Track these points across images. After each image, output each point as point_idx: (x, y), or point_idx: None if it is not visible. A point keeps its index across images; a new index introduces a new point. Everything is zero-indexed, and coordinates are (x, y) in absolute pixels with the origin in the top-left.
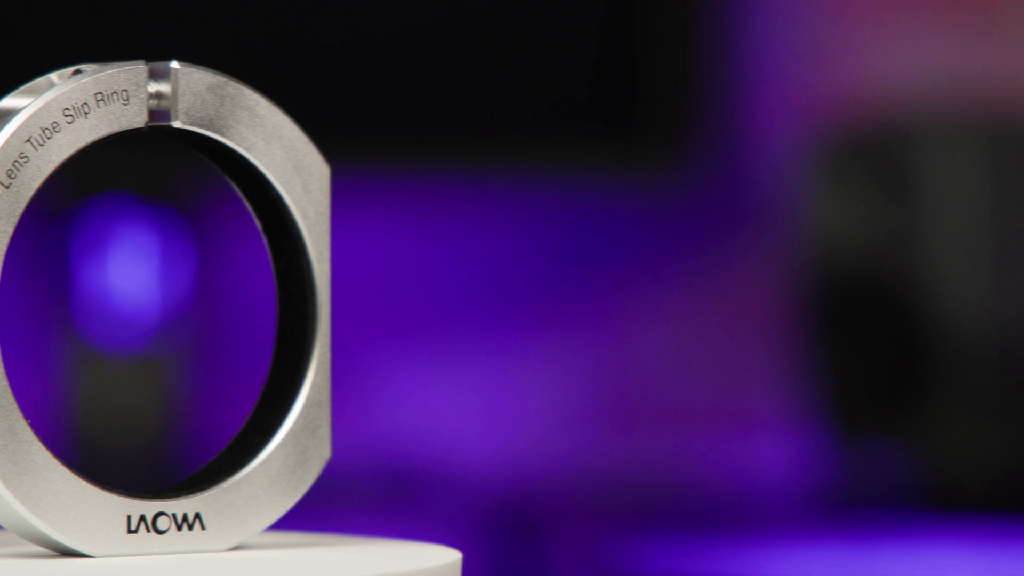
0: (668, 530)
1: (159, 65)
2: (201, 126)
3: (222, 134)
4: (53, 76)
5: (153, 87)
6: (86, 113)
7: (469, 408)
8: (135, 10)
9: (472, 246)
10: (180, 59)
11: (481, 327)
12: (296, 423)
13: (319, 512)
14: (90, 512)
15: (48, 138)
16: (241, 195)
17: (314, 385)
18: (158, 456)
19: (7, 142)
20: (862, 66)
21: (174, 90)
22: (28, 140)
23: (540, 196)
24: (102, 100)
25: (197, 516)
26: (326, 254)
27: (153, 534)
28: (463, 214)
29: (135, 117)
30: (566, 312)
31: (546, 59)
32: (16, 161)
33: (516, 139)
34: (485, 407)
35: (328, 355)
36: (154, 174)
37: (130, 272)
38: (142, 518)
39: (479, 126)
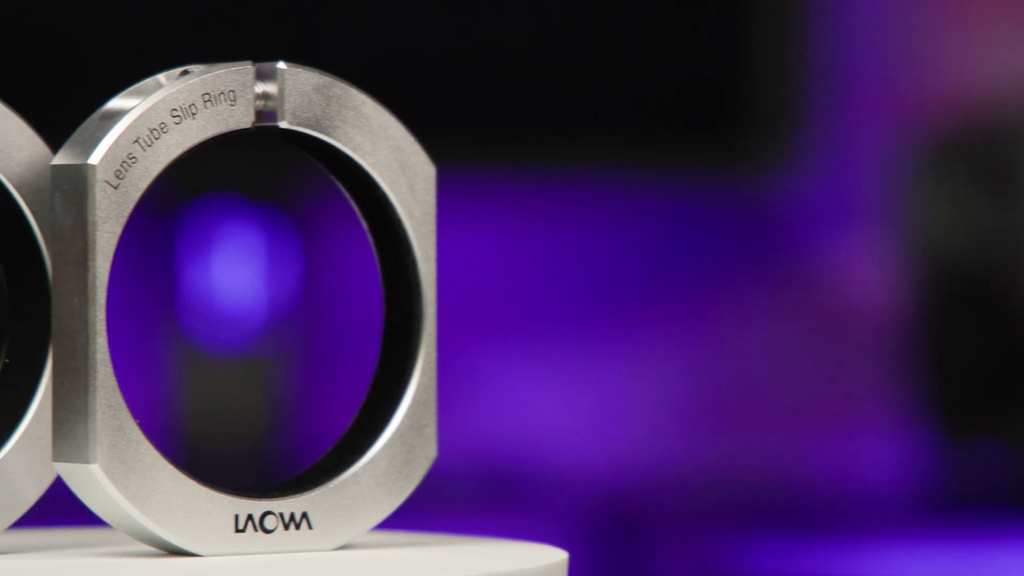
0: (772, 530)
1: (266, 66)
2: (308, 126)
3: (328, 134)
4: (161, 77)
5: (260, 88)
6: (194, 114)
7: (573, 407)
8: (243, 11)
9: (575, 245)
10: (287, 59)
11: (584, 326)
12: (402, 423)
13: (424, 511)
14: (198, 511)
15: (156, 139)
16: (347, 195)
17: (420, 385)
18: (263, 456)
19: (115, 143)
20: (966, 64)
21: (281, 90)
22: (136, 141)
23: (643, 196)
24: (209, 101)
25: (304, 515)
26: (432, 254)
27: (260, 533)
28: (567, 214)
29: (242, 118)
30: (669, 311)
31: (651, 58)
32: (124, 162)
33: (620, 138)
34: (589, 406)
35: (434, 355)
36: (260, 174)
37: (236, 272)
38: (250, 517)
39: (583, 125)
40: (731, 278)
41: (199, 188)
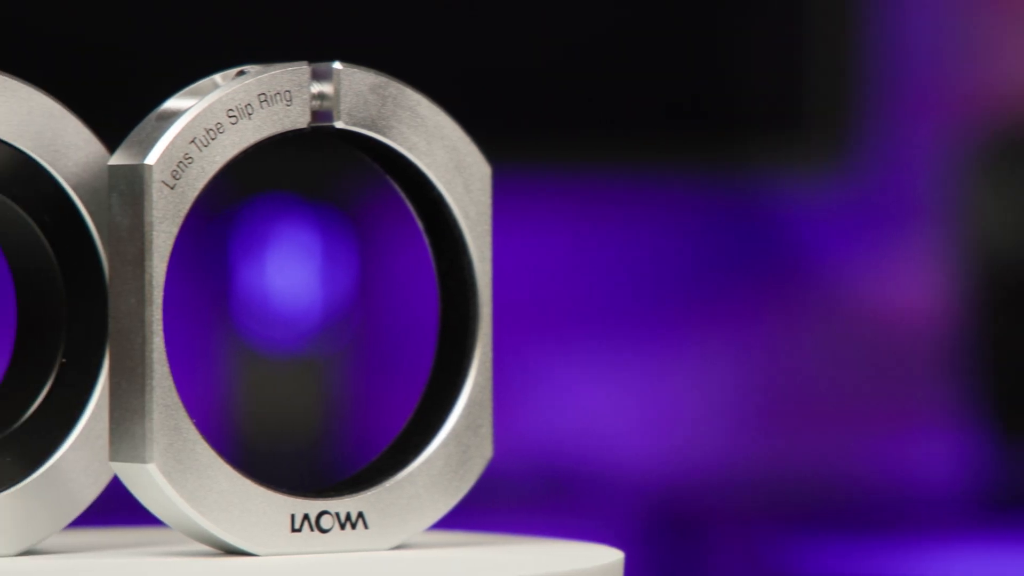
0: (826, 530)
1: (322, 66)
2: (363, 126)
3: (384, 134)
4: (217, 77)
5: (316, 88)
6: (250, 114)
7: (628, 407)
8: (298, 11)
9: (630, 245)
10: (342, 60)
11: (639, 325)
12: (458, 423)
13: (478, 511)
14: (254, 511)
15: (212, 139)
16: (403, 195)
17: (476, 385)
18: (318, 456)
19: (172, 143)
20: (1021, 64)
21: (337, 91)
22: (193, 141)
23: (697, 196)
24: (265, 101)
25: (360, 515)
26: (487, 254)
27: (317, 533)
28: (622, 214)
29: (298, 118)
30: (724, 310)
31: (706, 58)
32: (181, 162)
33: (675, 138)
34: (643, 405)
35: (489, 355)
36: (315, 174)
37: (291, 272)
38: (306, 517)
39: (639, 125)
40: (785, 278)
41: (254, 188)
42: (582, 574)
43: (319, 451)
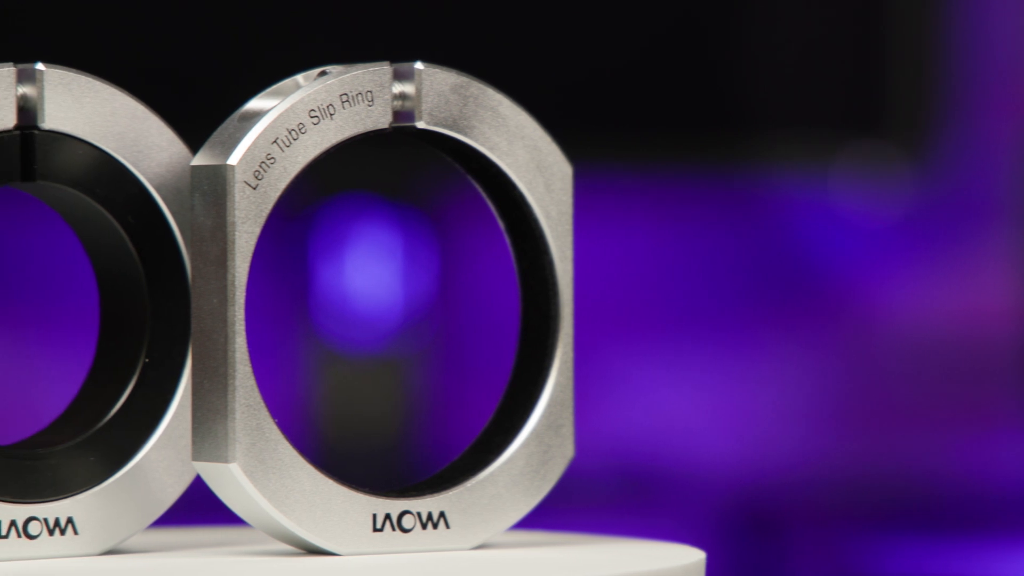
0: (907, 530)
1: (403, 66)
2: (445, 127)
3: (465, 134)
4: (299, 78)
5: (397, 88)
6: (331, 114)
7: (707, 406)
8: (380, 12)
9: (710, 245)
10: (424, 60)
11: (718, 325)
12: (539, 422)
13: (559, 511)
14: (336, 511)
15: (294, 139)
16: (484, 195)
17: (557, 384)
18: (398, 456)
19: (254, 143)
20: None
21: (418, 91)
22: (275, 141)
23: (779, 196)
24: (347, 101)
25: (442, 515)
26: (569, 253)
27: (398, 533)
28: (701, 214)
29: (380, 118)
30: (803, 309)
31: (786, 58)
32: (263, 162)
33: (757, 138)
34: (724, 405)
35: (571, 354)
36: (396, 173)
37: (371, 272)
38: (387, 517)
39: (719, 125)
40: (864, 277)
41: (334, 187)
42: (664, 574)
43: (399, 451)
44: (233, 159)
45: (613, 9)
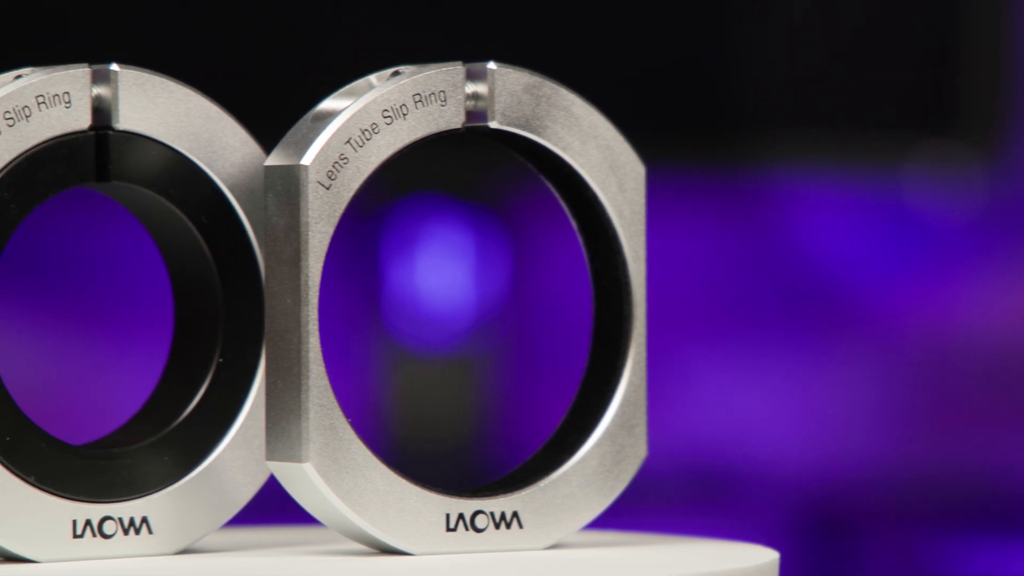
0: (982, 530)
1: (476, 66)
2: (517, 126)
3: (538, 134)
4: (372, 78)
5: (470, 88)
6: (404, 114)
7: (780, 406)
8: (452, 11)
9: (782, 245)
10: (496, 60)
11: (791, 325)
12: (612, 422)
13: (631, 511)
14: (409, 510)
15: (367, 139)
16: (557, 195)
17: (630, 384)
18: (470, 456)
19: (327, 143)
20: None
21: (491, 91)
22: (348, 142)
23: (848, 196)
24: (420, 101)
25: (515, 515)
26: (641, 253)
27: (471, 532)
28: (776, 215)
29: (452, 118)
30: (877, 308)
31: (864, 56)
32: (336, 162)
33: (828, 137)
34: (796, 405)
35: (644, 354)
36: (467, 173)
37: (442, 272)
38: (460, 516)
39: (790, 125)
40: (940, 276)
41: (405, 187)
42: (738, 574)
43: (470, 451)
44: (307, 159)
45: (680, 9)
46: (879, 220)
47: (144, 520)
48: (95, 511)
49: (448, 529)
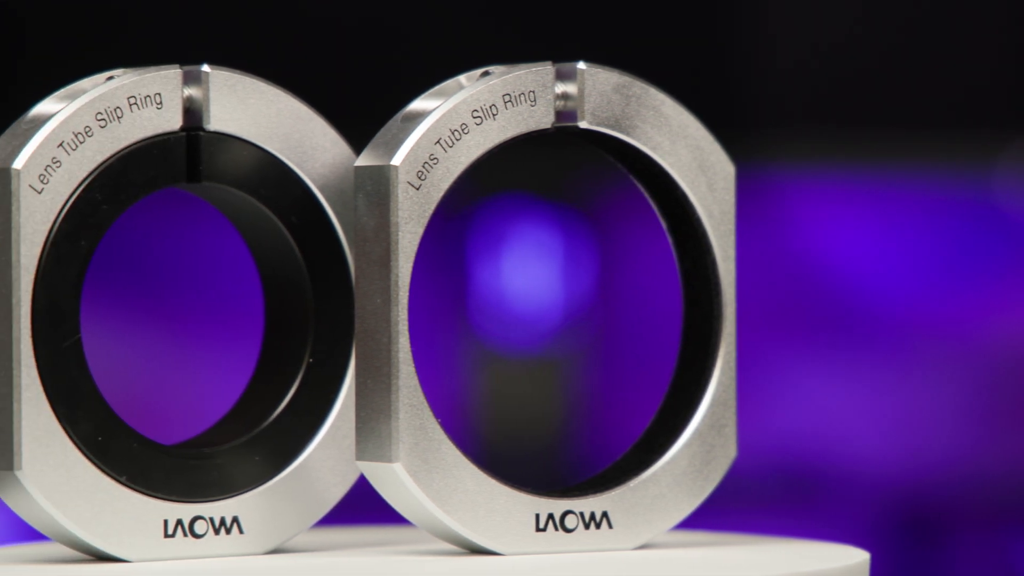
0: None
1: (566, 66)
2: (607, 126)
3: (628, 134)
4: (462, 78)
5: (560, 88)
6: (494, 115)
7: (869, 406)
8: (541, 11)
9: (876, 245)
10: (585, 60)
11: (879, 324)
12: (702, 422)
13: (719, 511)
14: (499, 511)
15: (457, 140)
16: (646, 194)
17: (720, 384)
18: (557, 456)
19: (417, 144)
20: None
21: (581, 91)
22: (438, 142)
23: (944, 194)
24: (510, 101)
25: (605, 515)
26: (731, 253)
27: (561, 532)
28: (866, 213)
29: (542, 118)
30: (969, 306)
31: (982, 54)
32: (426, 163)
33: (934, 137)
34: (886, 405)
35: (734, 354)
36: (554, 173)
37: (529, 272)
38: (550, 516)
39: (898, 123)
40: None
41: (492, 187)
42: (829, 575)
43: (558, 452)
44: (396, 159)
45: (778, 8)
46: (966, 223)
47: (235, 520)
48: (186, 511)
49: (538, 529)
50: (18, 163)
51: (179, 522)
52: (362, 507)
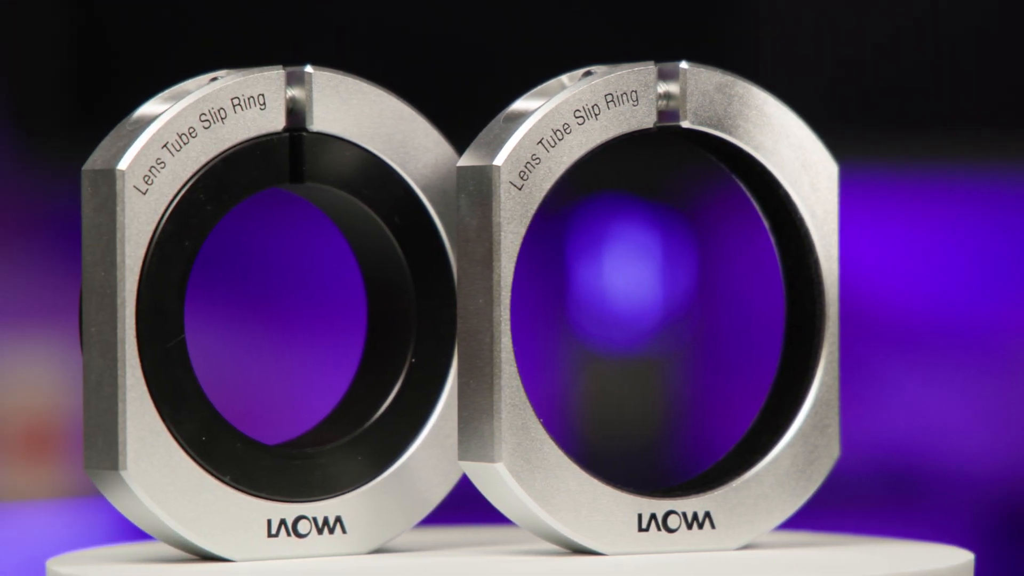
0: None
1: (668, 65)
2: (709, 126)
3: (730, 133)
4: (564, 78)
5: (662, 87)
6: (596, 115)
7: (972, 407)
8: (642, 10)
9: (973, 245)
10: (687, 59)
11: (983, 323)
12: (805, 422)
13: (821, 511)
14: (602, 511)
15: (559, 140)
16: (749, 194)
17: (823, 384)
18: (658, 456)
19: (519, 144)
20: None
21: (683, 90)
22: (540, 142)
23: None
24: (612, 101)
25: (707, 515)
26: (834, 253)
27: (663, 532)
28: (968, 212)
29: (644, 118)
30: None
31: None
32: (528, 163)
33: (1015, 136)
34: (989, 406)
35: (836, 354)
36: (653, 173)
37: (629, 272)
38: (652, 516)
39: (988, 123)
40: None
41: (591, 187)
42: (935, 575)
43: (659, 451)
44: (499, 160)
45: (876, 4)
46: None
47: (338, 519)
48: (289, 510)
49: (640, 529)
50: (123, 164)
51: (282, 522)
52: (465, 507)
